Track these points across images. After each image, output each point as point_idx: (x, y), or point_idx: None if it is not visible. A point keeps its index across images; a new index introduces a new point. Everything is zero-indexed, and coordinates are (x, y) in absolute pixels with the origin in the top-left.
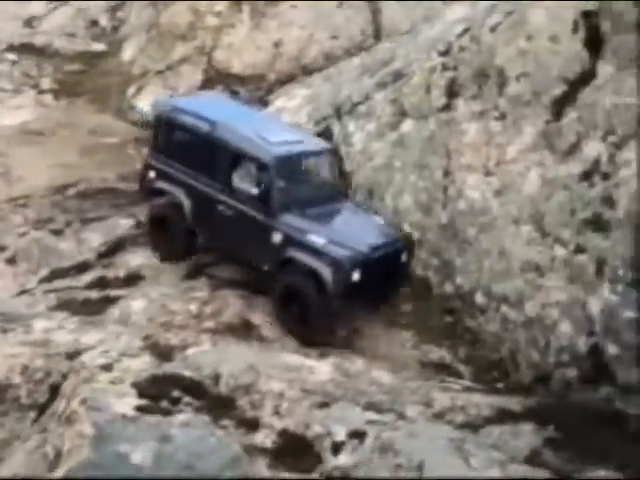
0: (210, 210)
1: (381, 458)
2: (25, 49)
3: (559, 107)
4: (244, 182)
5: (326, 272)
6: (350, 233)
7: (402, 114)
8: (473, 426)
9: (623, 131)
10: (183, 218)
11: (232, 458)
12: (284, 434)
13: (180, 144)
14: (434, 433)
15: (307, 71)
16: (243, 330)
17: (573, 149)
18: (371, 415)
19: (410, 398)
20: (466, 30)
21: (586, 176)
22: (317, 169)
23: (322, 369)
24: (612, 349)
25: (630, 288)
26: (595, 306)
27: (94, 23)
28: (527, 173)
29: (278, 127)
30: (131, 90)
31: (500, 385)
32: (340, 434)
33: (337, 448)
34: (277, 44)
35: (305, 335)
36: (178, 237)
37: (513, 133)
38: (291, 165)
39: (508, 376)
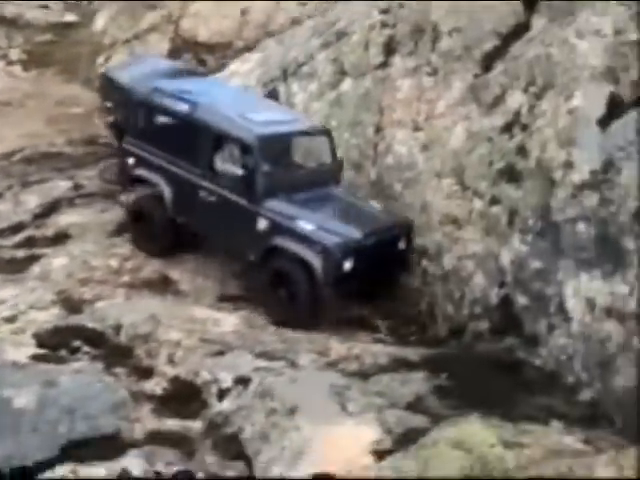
0: (192, 197)
1: (259, 403)
2: None
3: (489, 61)
4: (227, 166)
5: (316, 261)
6: (342, 219)
7: (342, 73)
8: (364, 374)
9: (543, 81)
10: (164, 209)
11: (115, 403)
12: (175, 381)
13: (159, 127)
14: (319, 380)
15: None
16: (160, 285)
17: (497, 101)
18: (261, 363)
19: (306, 347)
20: None
21: (507, 128)
22: (307, 151)
23: (229, 321)
24: (521, 300)
25: (538, 238)
26: (506, 257)
27: None
28: (453, 127)
29: (264, 106)
30: (100, 60)
31: (413, 338)
32: (227, 381)
33: (222, 394)
34: (244, 12)
35: (293, 322)
36: (160, 230)
37: (443, 88)
38: (277, 146)
39: (425, 330)
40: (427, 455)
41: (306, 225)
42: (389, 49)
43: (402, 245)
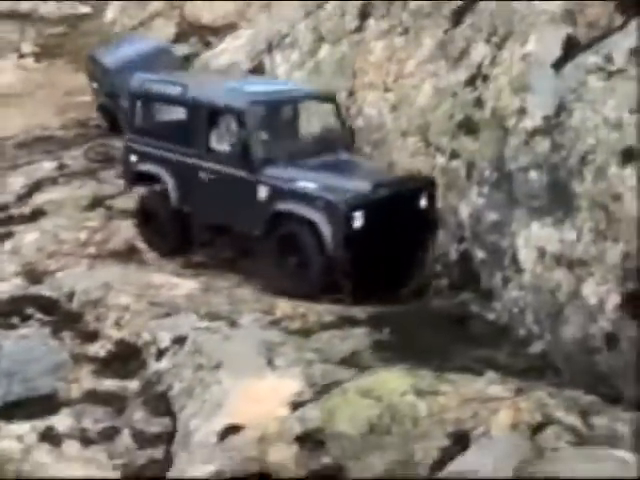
0: (193, 181)
1: (189, 360)
2: (9, 16)
3: (458, 16)
4: (223, 141)
5: (321, 219)
6: (347, 177)
7: (320, 40)
8: (305, 331)
9: (504, 31)
10: (169, 203)
11: (56, 365)
12: (118, 344)
13: (156, 117)
14: (253, 337)
15: None
16: (126, 255)
17: (462, 55)
18: (202, 323)
19: (252, 307)
20: None
21: (470, 81)
22: (311, 118)
23: (185, 286)
24: (479, 254)
25: (494, 189)
26: (465, 211)
27: None
28: (422, 85)
29: (257, 80)
30: None
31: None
32: (165, 341)
33: (161, 354)
34: None
35: (307, 292)
36: (168, 227)
37: (414, 47)
38: (272, 114)
39: (391, 292)
40: (334, 404)
41: (307, 184)
42: (364, 13)
43: (423, 203)
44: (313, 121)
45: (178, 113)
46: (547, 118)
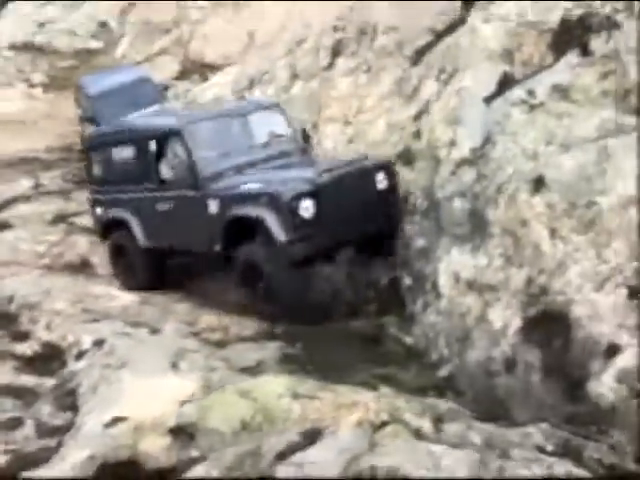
0: (153, 214)
1: (101, 361)
2: (25, 47)
3: (418, 56)
4: (172, 168)
5: (268, 216)
6: (294, 172)
7: (295, 77)
8: (223, 342)
9: (452, 68)
10: (135, 240)
11: None
12: (46, 345)
13: (112, 164)
14: (168, 344)
15: None
16: (79, 268)
17: (415, 92)
18: (125, 329)
19: (179, 318)
20: None
21: (417, 116)
22: (259, 128)
23: (125, 298)
24: (406, 280)
25: (424, 217)
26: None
27: (103, 24)
28: (377, 120)
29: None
30: None
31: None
32: (87, 343)
33: (80, 355)
34: (250, 34)
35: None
36: (135, 262)
37: (375, 83)
38: (213, 129)
39: (328, 315)
40: (211, 402)
41: (252, 186)
42: (336, 52)
43: (382, 184)
44: (263, 132)
45: (129, 155)
46: (474, 149)
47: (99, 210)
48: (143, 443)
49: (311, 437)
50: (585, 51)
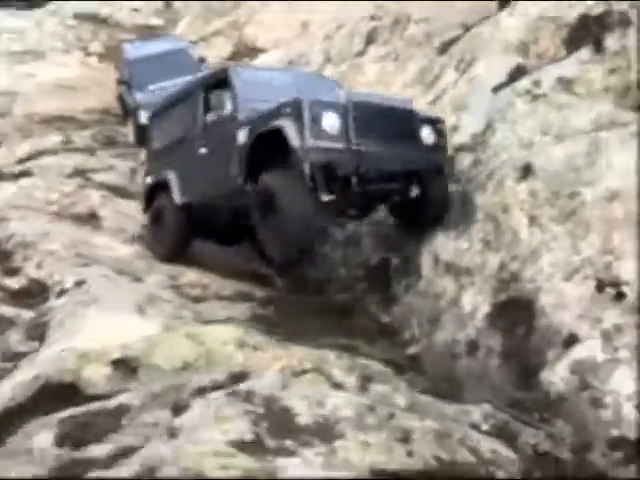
0: (192, 165)
1: (76, 298)
2: (88, 18)
3: (446, 47)
4: (216, 110)
5: (288, 125)
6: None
7: (328, 61)
8: (199, 298)
9: (470, 57)
10: (172, 197)
11: None
12: (33, 281)
13: (166, 128)
14: (143, 290)
15: None
16: (86, 219)
17: (435, 80)
18: (109, 274)
19: (164, 271)
20: None
21: (433, 102)
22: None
23: (123, 250)
24: (395, 261)
25: None
26: (389, 221)
27: (168, 4)
28: None
29: None
30: None
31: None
32: (69, 283)
33: (62, 293)
34: (304, 24)
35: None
36: (171, 223)
37: (401, 71)
38: (259, 79)
39: (321, 292)
40: (158, 341)
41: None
42: (369, 39)
43: (428, 139)
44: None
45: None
46: (474, 136)
47: (148, 179)
48: (86, 370)
49: (236, 379)
50: (599, 48)
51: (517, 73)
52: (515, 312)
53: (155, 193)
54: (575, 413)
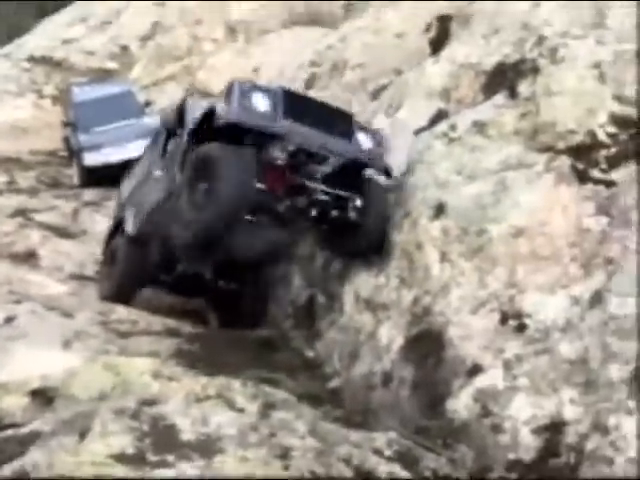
0: (147, 186)
1: (6, 333)
2: (42, 60)
3: (378, 93)
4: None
5: (220, 106)
6: None
7: None
8: (127, 334)
9: (398, 103)
10: (125, 231)
11: None
12: None
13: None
14: (71, 326)
15: None
16: (24, 258)
17: (367, 125)
18: (40, 310)
19: (95, 308)
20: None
21: None
22: None
23: (57, 289)
24: (321, 299)
25: None
26: (320, 260)
27: (124, 48)
28: None
29: None
30: None
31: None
32: (0, 319)
33: None
34: (256, 68)
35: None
36: (120, 261)
37: None
38: None
39: (251, 328)
40: (79, 371)
41: None
42: (308, 85)
43: (364, 139)
44: None
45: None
46: (395, 177)
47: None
48: (4, 401)
49: (144, 405)
50: (513, 93)
51: (438, 117)
52: (426, 344)
53: (113, 236)
54: (476, 439)
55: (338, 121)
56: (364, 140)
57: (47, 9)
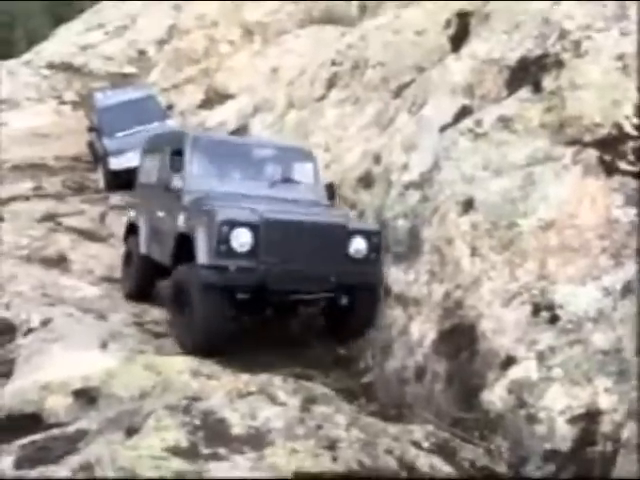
0: (155, 217)
1: (42, 336)
2: (62, 67)
3: (401, 90)
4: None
5: (200, 236)
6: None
7: (291, 106)
8: (162, 334)
9: (422, 100)
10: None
11: None
12: (1, 321)
13: (151, 163)
14: (107, 326)
15: None
16: (55, 262)
17: (390, 123)
18: (74, 312)
19: (129, 310)
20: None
21: (387, 144)
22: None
23: (89, 291)
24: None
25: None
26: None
27: (142, 52)
28: (354, 147)
29: None
30: None
31: None
32: (35, 322)
33: (29, 331)
34: (274, 69)
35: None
36: (135, 267)
37: (358, 115)
38: (217, 152)
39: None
40: (119, 371)
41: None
42: (330, 84)
43: (357, 248)
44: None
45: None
46: (422, 173)
47: (130, 212)
48: (48, 401)
49: (187, 402)
50: (537, 88)
51: (462, 113)
52: (458, 338)
53: (131, 230)
54: (512, 430)
55: (327, 238)
56: (357, 248)
57: (63, 16)
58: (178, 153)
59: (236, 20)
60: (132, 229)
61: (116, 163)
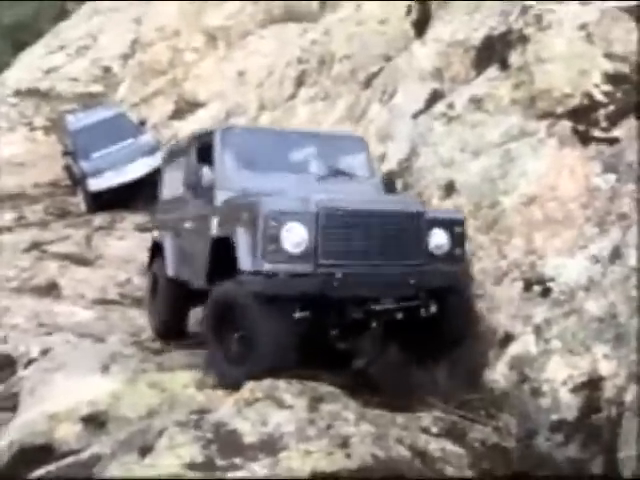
0: (181, 231)
1: (43, 365)
2: (29, 93)
3: (369, 81)
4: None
5: (240, 237)
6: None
7: (263, 108)
8: (161, 350)
9: (392, 89)
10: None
11: None
12: (1, 355)
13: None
14: (106, 350)
15: None
16: (45, 290)
17: (363, 115)
18: (72, 339)
19: (125, 330)
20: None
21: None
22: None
23: (82, 315)
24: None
25: None
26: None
27: (107, 69)
28: None
29: None
30: None
31: None
32: (35, 352)
33: (29, 363)
34: (241, 73)
35: None
36: (162, 298)
37: (330, 110)
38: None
39: None
40: (124, 393)
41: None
42: (299, 82)
43: (438, 242)
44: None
45: None
46: (400, 162)
47: (154, 232)
48: (58, 430)
49: (198, 417)
50: (504, 65)
51: (433, 98)
52: None
53: (156, 251)
54: (518, 405)
55: (401, 232)
56: (438, 243)
57: (21, 40)
58: (206, 151)
59: (198, 27)
60: (157, 251)
61: (95, 184)
